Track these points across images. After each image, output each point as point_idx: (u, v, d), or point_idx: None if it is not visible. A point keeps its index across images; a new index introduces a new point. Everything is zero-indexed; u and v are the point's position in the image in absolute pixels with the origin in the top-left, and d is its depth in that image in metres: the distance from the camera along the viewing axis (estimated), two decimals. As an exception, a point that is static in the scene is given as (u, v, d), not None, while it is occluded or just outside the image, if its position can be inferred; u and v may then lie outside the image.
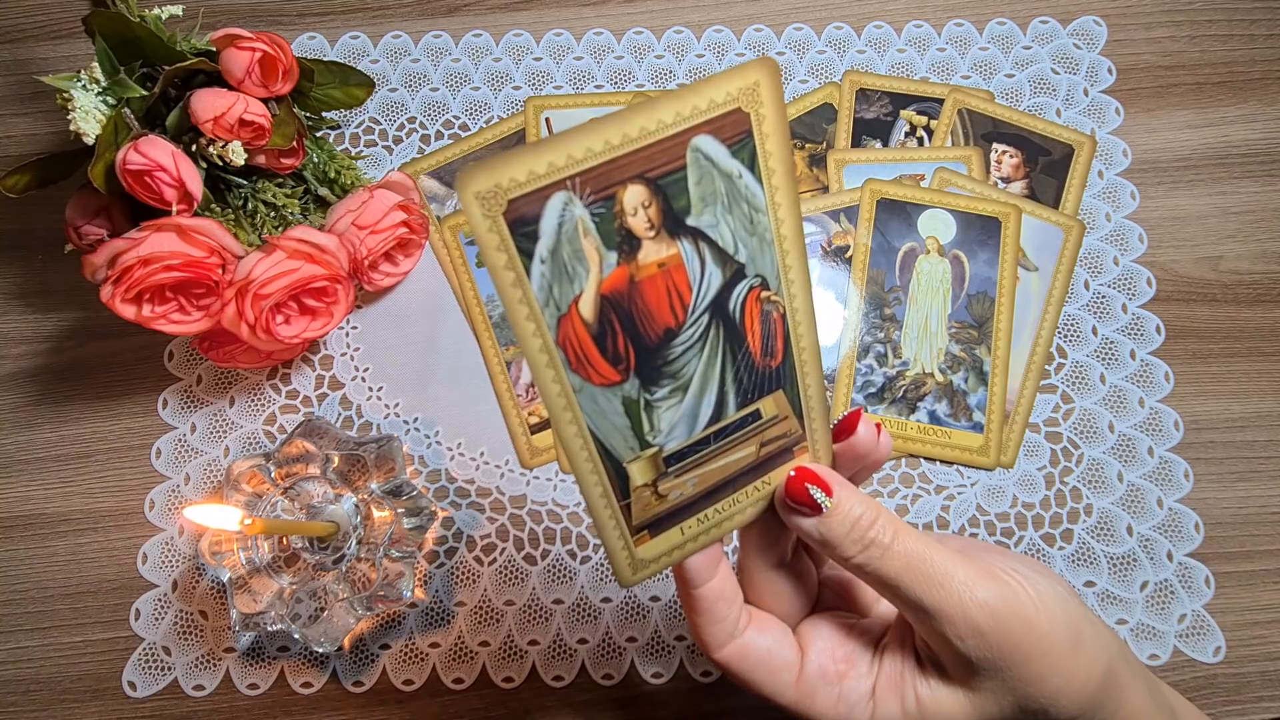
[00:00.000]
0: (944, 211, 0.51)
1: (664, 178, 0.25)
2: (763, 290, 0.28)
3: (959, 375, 0.49)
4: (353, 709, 0.45)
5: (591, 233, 0.24)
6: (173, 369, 0.50)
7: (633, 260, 0.25)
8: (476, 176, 0.22)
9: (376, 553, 0.42)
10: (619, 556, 0.30)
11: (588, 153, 0.23)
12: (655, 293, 0.26)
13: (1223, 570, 0.46)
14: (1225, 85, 0.54)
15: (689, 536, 0.30)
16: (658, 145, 0.24)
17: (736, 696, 0.44)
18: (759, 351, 0.29)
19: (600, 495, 0.28)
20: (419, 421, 0.49)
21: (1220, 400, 0.49)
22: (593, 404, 0.27)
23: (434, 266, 0.51)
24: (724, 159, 0.25)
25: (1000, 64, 0.55)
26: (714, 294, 0.27)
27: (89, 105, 0.41)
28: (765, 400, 0.30)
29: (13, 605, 0.46)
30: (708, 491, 0.30)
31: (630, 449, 0.28)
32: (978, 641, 0.28)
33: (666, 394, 0.28)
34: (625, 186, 0.24)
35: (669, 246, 0.26)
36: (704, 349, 0.28)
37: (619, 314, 0.26)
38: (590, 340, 0.26)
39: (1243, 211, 0.52)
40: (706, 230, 0.26)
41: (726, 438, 0.29)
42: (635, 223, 0.25)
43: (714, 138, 0.25)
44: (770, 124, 0.26)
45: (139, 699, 0.45)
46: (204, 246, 0.41)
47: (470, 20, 0.56)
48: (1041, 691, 0.29)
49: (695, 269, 0.27)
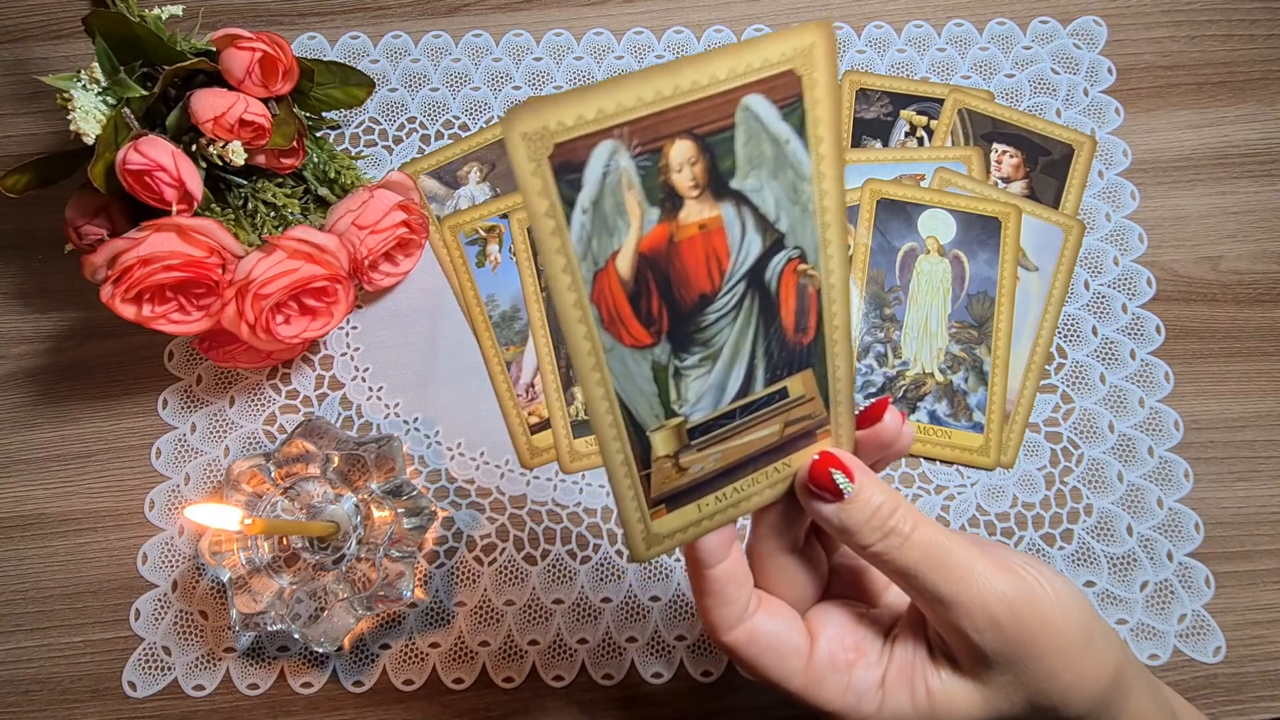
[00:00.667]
0: (944, 211, 0.51)
1: (712, 135, 0.24)
2: (801, 263, 0.27)
3: (959, 375, 0.49)
4: (353, 709, 0.45)
5: (635, 186, 0.24)
6: (173, 369, 0.50)
7: (674, 219, 0.25)
8: (525, 117, 0.21)
9: (376, 553, 0.42)
10: (634, 529, 0.29)
11: (638, 101, 0.23)
12: (694, 255, 0.26)
13: (1223, 570, 0.46)
14: (1225, 85, 0.54)
15: (705, 514, 0.30)
16: (709, 101, 0.23)
17: (736, 696, 0.44)
18: (791, 327, 0.28)
19: (621, 463, 0.28)
20: (419, 421, 0.49)
21: (1220, 400, 0.49)
22: (622, 366, 0.26)
23: (434, 266, 0.51)
24: (774, 121, 0.25)
25: (1000, 64, 0.55)
26: (752, 262, 0.27)
27: (89, 105, 0.41)
28: (794, 378, 0.29)
29: (13, 605, 0.46)
30: (728, 469, 0.29)
31: (655, 417, 0.27)
32: (995, 635, 0.28)
33: (696, 362, 0.27)
34: (673, 141, 0.24)
35: (711, 208, 0.25)
36: (737, 318, 0.27)
37: (655, 274, 0.25)
38: (625, 299, 0.25)
39: (1243, 211, 0.52)
40: (750, 195, 0.25)
41: (752, 414, 0.29)
42: (680, 180, 0.24)
43: (766, 98, 0.24)
44: (822, 90, 0.25)
45: (139, 699, 0.45)
46: (204, 246, 0.41)
47: (470, 20, 0.56)
48: (1054, 688, 0.29)
49: (735, 234, 0.26)
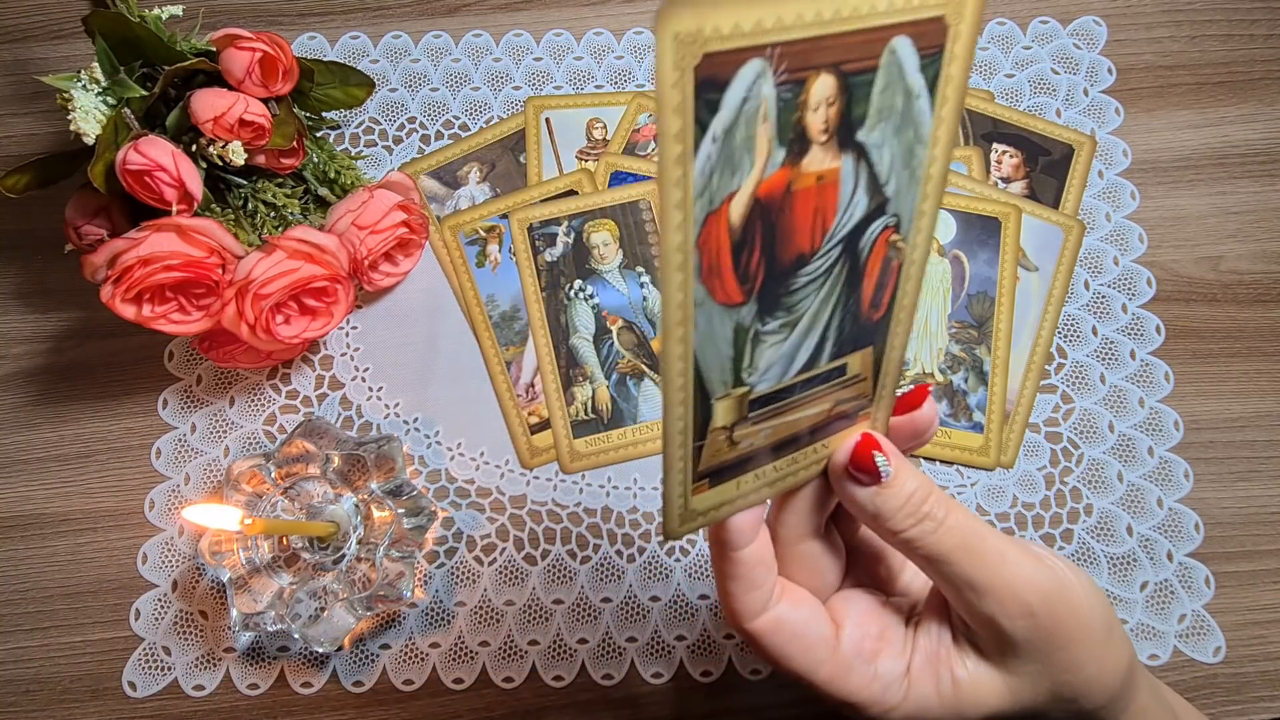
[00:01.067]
0: (944, 211, 0.51)
1: (856, 75, 0.22)
2: (894, 232, 0.26)
3: (959, 375, 0.49)
4: (353, 709, 0.44)
5: (770, 119, 0.21)
6: (173, 369, 0.50)
7: (797, 165, 0.23)
8: (683, 13, 0.19)
9: (376, 553, 0.42)
10: (674, 504, 0.27)
11: (798, 19, 0.20)
12: (805, 209, 0.24)
13: (1223, 570, 0.46)
14: (1225, 85, 0.54)
15: (742, 493, 0.28)
16: (862, 34, 0.22)
17: (736, 696, 0.44)
18: (869, 300, 0.27)
19: (680, 430, 0.25)
20: (419, 421, 0.49)
21: (1220, 400, 0.49)
22: (708, 324, 0.24)
23: (434, 266, 0.51)
24: (912, 71, 0.23)
25: (1000, 64, 0.55)
26: (854, 225, 0.25)
27: (89, 105, 0.41)
28: (855, 355, 0.28)
29: (13, 605, 0.46)
30: (775, 445, 0.28)
31: (724, 384, 0.25)
32: (1027, 623, 0.28)
33: (776, 328, 0.25)
34: (818, 74, 0.21)
35: (834, 158, 0.23)
36: (825, 284, 0.26)
37: (764, 225, 0.23)
38: (729, 248, 0.23)
39: (1243, 211, 0.52)
40: (871, 150, 0.24)
41: (810, 389, 0.28)
42: (813, 120, 0.22)
43: (913, 43, 0.22)
44: (963, 45, 0.23)
45: (139, 699, 0.45)
46: (204, 246, 0.41)
47: (470, 20, 0.56)
48: (1077, 679, 0.29)
49: (847, 191, 0.24)
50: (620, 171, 0.52)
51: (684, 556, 0.46)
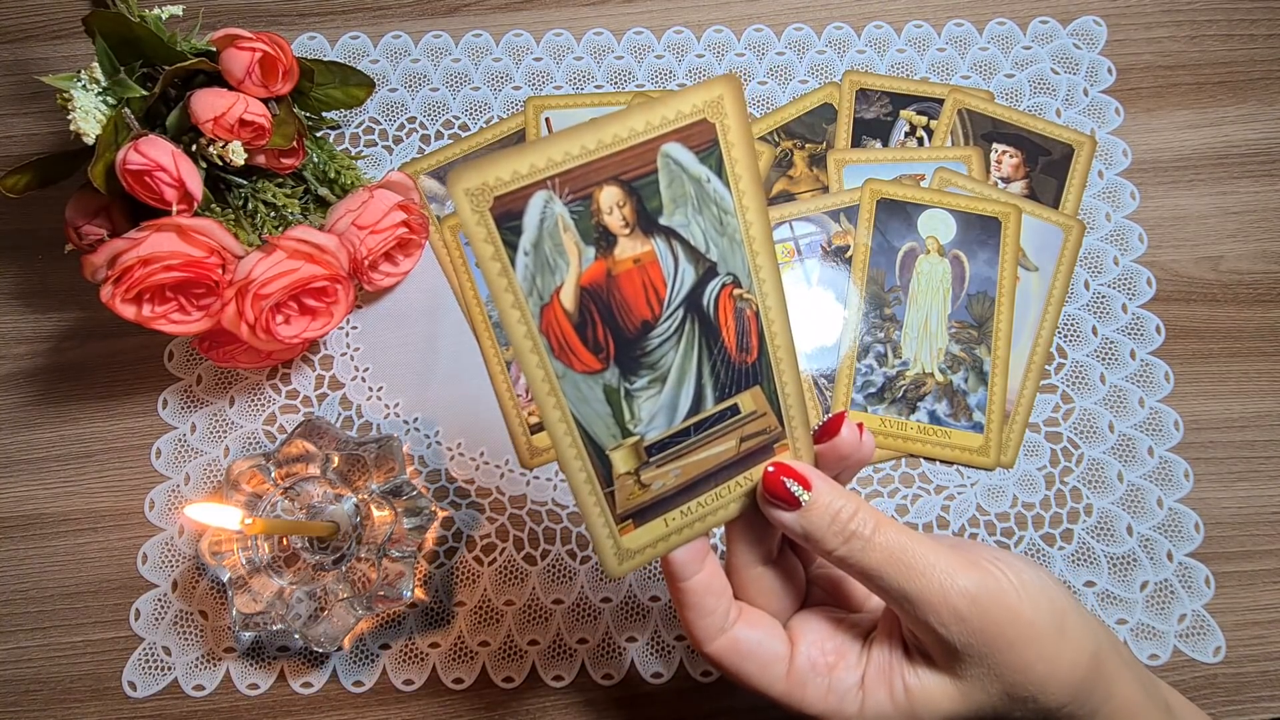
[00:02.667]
0: (944, 211, 0.51)
1: (637, 180, 0.27)
2: (735, 288, 0.29)
3: (959, 375, 0.49)
4: (353, 709, 0.45)
5: (571, 228, 0.26)
6: (173, 369, 0.50)
7: (609, 255, 0.27)
8: (466, 174, 0.24)
9: (376, 553, 0.42)
10: (604, 545, 0.31)
11: (566, 156, 0.25)
12: (632, 286, 0.28)
13: (1223, 570, 0.46)
14: (1225, 85, 0.54)
15: (673, 529, 0.31)
16: (630, 151, 0.26)
17: (736, 696, 0.44)
18: (734, 347, 0.30)
19: (585, 481, 0.29)
20: (419, 421, 0.49)
21: (1220, 400, 0.49)
22: (575, 391, 0.28)
23: (434, 266, 0.51)
24: (693, 164, 0.27)
25: (1000, 64, 0.55)
26: (688, 289, 0.29)
27: (89, 105, 0.41)
28: (743, 395, 0.31)
29: (13, 605, 0.46)
30: (690, 484, 0.31)
31: (612, 436, 0.29)
32: (961, 628, 0.29)
33: (645, 384, 0.29)
34: (601, 187, 0.26)
35: (643, 244, 0.27)
36: (680, 341, 0.29)
37: (598, 305, 0.27)
38: (571, 329, 0.27)
39: (1243, 211, 0.52)
40: (678, 229, 0.28)
41: (706, 430, 0.31)
42: (611, 220, 0.27)
43: (683, 145, 0.27)
44: (735, 134, 0.27)
45: (139, 699, 0.45)
46: (204, 246, 0.41)
47: (470, 20, 0.56)
48: (1028, 678, 0.30)
49: (669, 265, 0.28)
50: (620, 171, 0.52)
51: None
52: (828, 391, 0.49)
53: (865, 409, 0.48)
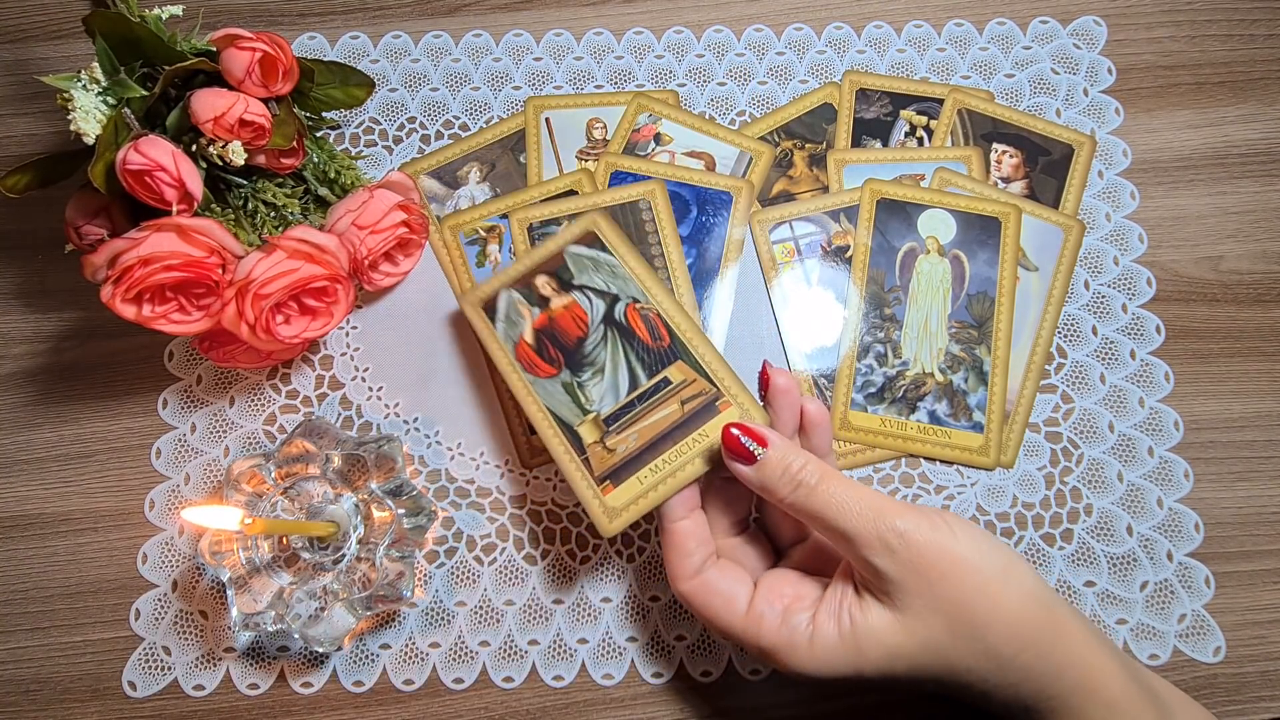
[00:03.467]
0: (944, 211, 0.51)
1: (555, 268, 0.46)
2: (636, 303, 0.44)
3: (959, 375, 0.49)
4: (353, 709, 0.45)
5: (522, 302, 0.45)
6: (173, 369, 0.50)
7: (548, 308, 0.45)
8: (474, 295, 0.46)
9: (376, 553, 0.42)
10: (593, 506, 0.40)
11: (513, 274, 0.46)
12: (566, 321, 0.45)
13: (1223, 570, 0.46)
14: (1225, 85, 0.54)
15: (648, 486, 0.40)
16: (547, 259, 0.46)
17: (736, 696, 0.44)
18: (649, 338, 0.43)
19: (564, 453, 0.42)
20: (419, 421, 0.49)
21: (1220, 400, 0.49)
22: (544, 390, 0.43)
23: (434, 266, 0.51)
24: (585, 251, 0.46)
25: (1000, 64, 0.55)
26: (603, 313, 0.44)
27: (89, 105, 0.41)
28: (670, 369, 0.43)
29: (13, 605, 0.46)
30: (650, 444, 0.41)
31: (576, 416, 0.43)
32: (890, 558, 0.33)
33: (589, 376, 0.43)
34: (535, 276, 0.46)
35: (566, 297, 0.45)
36: (606, 345, 0.44)
37: (548, 336, 0.44)
38: (534, 353, 0.44)
39: (1243, 211, 0.52)
40: (587, 284, 0.45)
41: (648, 400, 0.42)
42: (544, 291, 0.45)
43: (578, 244, 0.46)
44: (608, 235, 0.46)
45: (139, 699, 0.45)
46: (204, 246, 0.41)
47: (470, 20, 0.56)
48: (969, 613, 0.32)
49: (586, 303, 0.45)
50: (620, 171, 0.52)
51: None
52: (828, 391, 0.49)
53: (865, 409, 0.48)
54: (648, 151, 0.53)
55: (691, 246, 0.51)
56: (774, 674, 0.45)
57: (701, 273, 0.51)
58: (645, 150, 0.53)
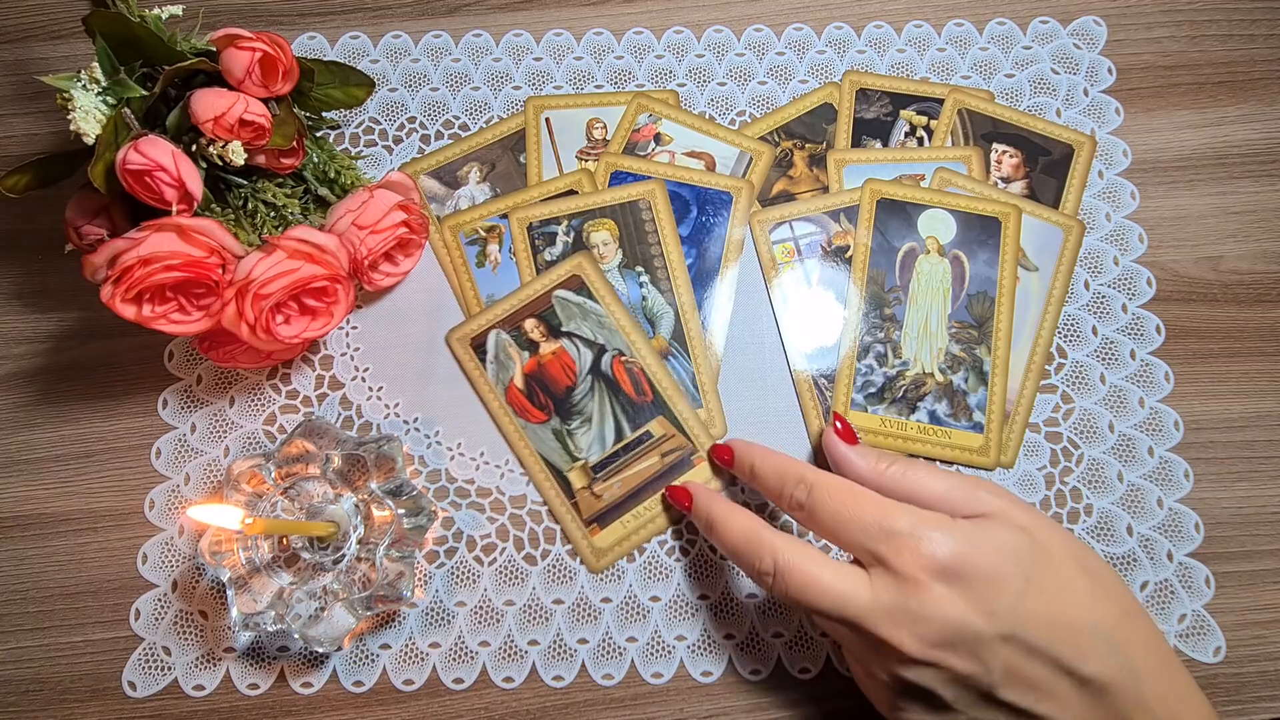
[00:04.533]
0: (944, 211, 0.51)
1: (543, 312, 0.48)
2: (621, 356, 0.47)
3: (959, 375, 0.49)
4: (353, 709, 0.45)
5: (512, 344, 0.48)
6: (173, 369, 0.50)
7: (537, 353, 0.47)
8: (459, 332, 0.48)
9: (376, 553, 0.42)
10: (581, 545, 0.45)
11: (500, 312, 0.48)
12: (554, 368, 0.47)
13: (1223, 570, 0.46)
14: (1225, 85, 0.54)
15: (632, 529, 0.45)
16: (536, 300, 0.48)
17: (736, 696, 0.44)
18: (633, 393, 0.47)
19: (555, 496, 0.46)
20: (419, 421, 0.49)
21: (1220, 400, 0.49)
22: (535, 435, 0.47)
23: (434, 266, 0.51)
24: (574, 297, 0.48)
25: (1000, 64, 0.55)
26: (590, 363, 0.47)
27: (89, 105, 0.41)
28: (652, 424, 0.46)
29: (12, 605, 0.46)
30: (634, 492, 0.46)
31: (566, 462, 0.46)
32: None
33: (578, 425, 0.47)
34: (524, 319, 0.48)
35: (555, 343, 0.47)
36: (594, 395, 0.47)
37: (537, 383, 0.47)
38: (524, 398, 0.47)
39: (1243, 211, 0.52)
40: (575, 331, 0.48)
41: (632, 451, 0.46)
42: (534, 335, 0.48)
43: (565, 289, 0.48)
44: (593, 279, 0.48)
45: (139, 699, 0.45)
46: (204, 246, 0.41)
47: (470, 20, 0.56)
48: None
49: (574, 351, 0.47)
50: (620, 171, 0.52)
51: (684, 557, 0.46)
52: (828, 392, 0.49)
53: (865, 409, 0.48)
54: (648, 151, 0.53)
55: (691, 246, 0.51)
56: (774, 675, 0.45)
57: (701, 273, 0.51)
58: (645, 150, 0.53)
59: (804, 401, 0.49)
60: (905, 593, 0.34)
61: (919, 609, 0.33)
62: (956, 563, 0.34)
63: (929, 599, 0.33)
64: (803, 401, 0.49)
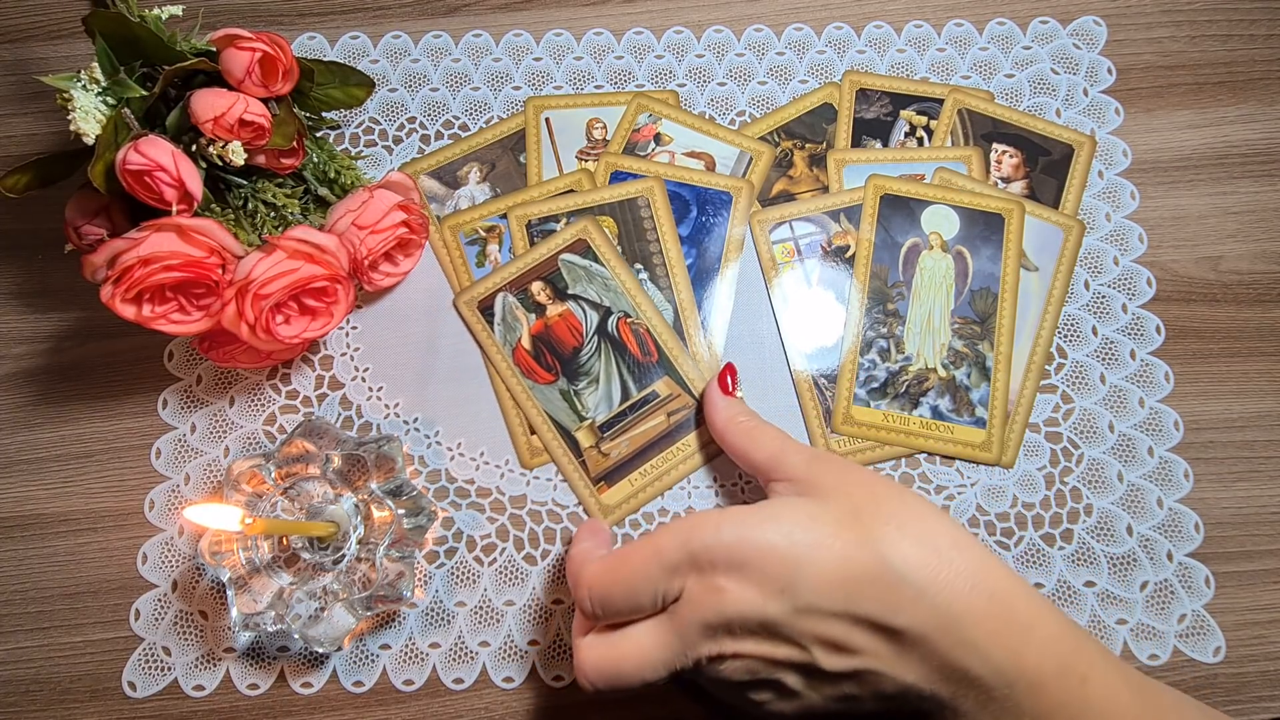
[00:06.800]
0: (947, 207, 0.51)
1: (549, 275, 0.49)
2: (627, 318, 0.48)
3: (962, 370, 0.49)
4: (353, 709, 0.44)
5: (519, 307, 0.48)
6: (173, 369, 0.50)
7: (544, 316, 0.48)
8: (465, 295, 0.49)
9: (376, 553, 0.42)
10: (590, 503, 0.46)
11: (508, 274, 0.49)
12: (561, 329, 0.48)
13: (1223, 570, 0.46)
14: (1225, 85, 0.54)
15: (639, 487, 0.46)
16: (542, 264, 0.49)
17: (737, 696, 0.44)
18: (639, 353, 0.48)
19: (563, 454, 0.47)
20: (419, 421, 0.49)
21: (1220, 400, 0.49)
22: (543, 396, 0.47)
23: (434, 266, 0.51)
24: (579, 260, 0.49)
25: (1000, 64, 0.55)
26: (596, 324, 0.48)
27: (89, 105, 0.41)
28: (658, 383, 0.47)
29: (12, 605, 0.46)
30: (641, 450, 0.47)
31: (573, 421, 0.47)
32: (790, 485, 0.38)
33: (585, 385, 0.47)
34: (531, 282, 0.49)
35: (562, 305, 0.48)
36: (600, 356, 0.47)
37: (545, 344, 0.48)
38: (531, 359, 0.48)
39: (1243, 211, 0.52)
40: (581, 294, 0.49)
41: (639, 410, 0.47)
42: (540, 298, 0.48)
43: (571, 253, 0.49)
44: (599, 242, 0.49)
45: (139, 699, 0.45)
46: (204, 246, 0.41)
47: (470, 20, 0.56)
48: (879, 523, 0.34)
49: (580, 313, 0.48)
50: (620, 171, 0.52)
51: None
52: (828, 392, 0.49)
53: (868, 404, 0.48)
54: (648, 151, 0.53)
55: (691, 246, 0.51)
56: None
57: (701, 272, 0.51)
58: (645, 150, 0.53)
59: (804, 402, 0.49)
60: (701, 607, 0.33)
61: (719, 614, 0.32)
62: (732, 554, 0.33)
63: (726, 600, 0.32)
64: (802, 402, 0.49)
